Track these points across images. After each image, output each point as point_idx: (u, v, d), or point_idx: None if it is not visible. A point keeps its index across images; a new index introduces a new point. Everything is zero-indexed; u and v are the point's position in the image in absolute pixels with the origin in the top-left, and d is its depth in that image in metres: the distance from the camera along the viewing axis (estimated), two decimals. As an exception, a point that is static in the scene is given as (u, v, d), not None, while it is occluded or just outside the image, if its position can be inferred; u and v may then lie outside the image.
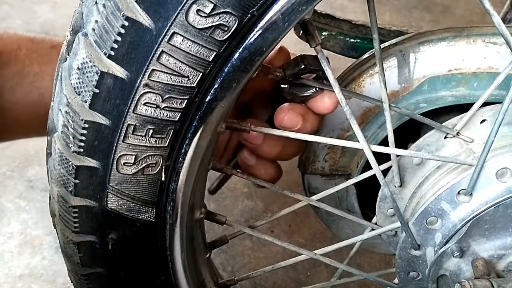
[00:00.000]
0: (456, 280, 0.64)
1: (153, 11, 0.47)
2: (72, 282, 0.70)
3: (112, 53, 0.48)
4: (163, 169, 0.56)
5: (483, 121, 0.65)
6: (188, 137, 0.54)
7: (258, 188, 1.34)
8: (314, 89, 0.65)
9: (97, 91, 0.50)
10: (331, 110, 0.66)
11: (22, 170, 1.40)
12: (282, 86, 0.66)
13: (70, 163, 0.55)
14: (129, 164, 0.54)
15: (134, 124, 0.52)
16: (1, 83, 0.70)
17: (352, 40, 0.91)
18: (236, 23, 0.47)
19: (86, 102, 0.51)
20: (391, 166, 0.67)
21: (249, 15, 0.47)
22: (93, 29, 0.48)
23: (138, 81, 0.49)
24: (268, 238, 0.72)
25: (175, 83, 0.50)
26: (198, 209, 0.66)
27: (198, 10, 0.46)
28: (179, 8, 0.46)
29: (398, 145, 0.64)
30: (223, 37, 0.48)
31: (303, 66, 0.64)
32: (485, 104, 0.63)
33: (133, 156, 0.54)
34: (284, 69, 0.65)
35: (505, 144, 0.63)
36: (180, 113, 0.52)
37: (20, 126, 0.75)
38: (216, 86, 0.51)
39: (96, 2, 0.48)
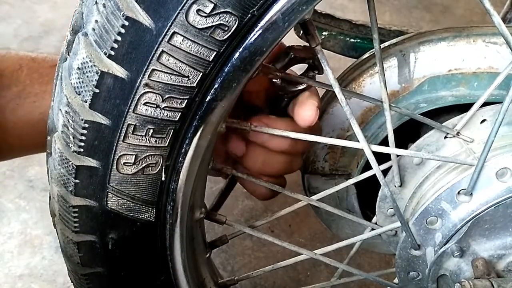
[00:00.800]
0: (456, 280, 0.64)
1: (153, 11, 0.47)
2: (72, 282, 0.70)
3: (112, 53, 0.48)
4: (163, 169, 0.56)
5: (483, 121, 0.65)
6: (188, 137, 0.54)
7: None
8: (304, 84, 0.65)
9: (97, 91, 0.50)
10: (310, 122, 0.63)
11: (22, 170, 1.40)
12: (273, 80, 0.66)
13: (70, 162, 0.55)
14: (129, 164, 0.54)
15: (134, 124, 0.52)
16: (3, 104, 0.71)
17: (352, 40, 0.91)
18: (236, 23, 0.47)
19: (86, 102, 0.51)
20: (391, 166, 0.67)
21: (249, 15, 0.47)
22: (93, 29, 0.48)
23: (138, 81, 0.49)
24: (268, 238, 0.72)
25: (175, 83, 0.50)
26: (198, 209, 0.66)
27: (198, 10, 0.46)
28: (179, 8, 0.46)
29: (398, 145, 0.64)
30: (223, 37, 0.48)
31: (292, 56, 0.64)
32: (485, 104, 0.63)
33: (133, 156, 0.54)
34: (274, 62, 0.65)
35: (505, 144, 0.63)
36: (180, 113, 0.52)
37: (23, 144, 0.76)
38: (216, 86, 0.51)
39: (96, 2, 0.48)
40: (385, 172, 0.66)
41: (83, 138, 0.53)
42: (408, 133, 0.73)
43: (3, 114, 0.71)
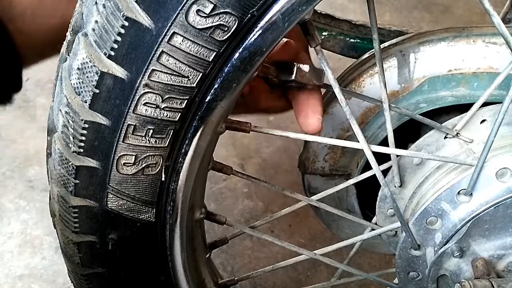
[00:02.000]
0: (456, 280, 0.64)
1: (153, 11, 0.47)
2: (72, 282, 0.70)
3: (112, 53, 0.48)
4: (163, 169, 0.56)
5: (483, 121, 0.65)
6: (188, 137, 0.54)
7: (258, 188, 1.35)
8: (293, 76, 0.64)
9: (97, 91, 0.50)
10: (316, 131, 0.65)
11: (22, 170, 1.40)
12: (265, 65, 0.64)
13: (70, 163, 0.55)
14: (129, 164, 0.54)
15: (134, 124, 0.52)
16: (20, 11, 0.70)
17: (352, 40, 0.91)
18: (236, 23, 0.47)
19: (86, 102, 0.51)
20: (391, 166, 0.67)
21: (249, 15, 0.47)
22: (93, 29, 0.48)
23: (138, 81, 0.49)
24: (268, 238, 0.72)
25: (175, 83, 0.50)
26: (198, 209, 0.66)
27: (198, 10, 0.46)
28: (179, 8, 0.46)
29: (398, 145, 0.64)
30: (223, 37, 0.48)
31: (293, 78, 0.63)
32: (485, 104, 0.63)
33: (133, 156, 0.54)
34: (277, 67, 0.64)
35: (505, 144, 0.63)
36: (180, 113, 0.52)
37: (47, 48, 0.75)
38: (216, 86, 0.51)
39: (96, 2, 0.48)
40: (385, 172, 0.66)
41: (83, 138, 0.53)
42: (408, 133, 0.73)
43: (23, 21, 0.70)
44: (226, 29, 0.47)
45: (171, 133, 0.53)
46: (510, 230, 0.62)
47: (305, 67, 0.63)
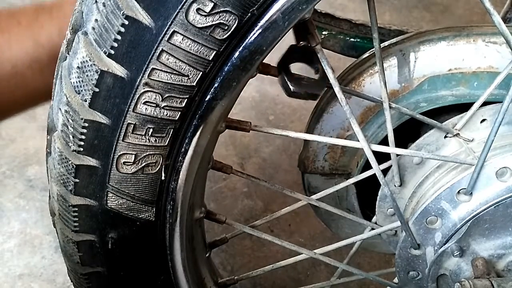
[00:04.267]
0: (456, 279, 0.64)
1: (153, 10, 0.46)
2: (71, 281, 0.70)
3: (112, 52, 0.48)
4: (163, 168, 0.56)
5: (483, 120, 0.65)
6: (188, 136, 0.54)
7: (258, 188, 1.35)
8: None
9: (97, 90, 0.50)
10: None
11: (22, 169, 1.40)
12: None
13: (70, 162, 0.55)
14: (129, 163, 0.54)
15: (134, 123, 0.51)
16: None
17: (352, 39, 0.91)
18: (236, 22, 0.47)
19: (86, 101, 0.51)
20: (391, 166, 0.67)
21: (249, 14, 0.47)
22: (93, 28, 0.48)
23: (138, 80, 0.49)
24: (268, 238, 0.72)
25: (175, 82, 0.50)
26: (198, 208, 0.66)
27: (198, 9, 0.46)
28: (179, 7, 0.46)
29: (398, 144, 0.64)
30: (223, 36, 0.48)
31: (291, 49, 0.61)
32: (485, 103, 0.63)
33: (133, 155, 0.54)
34: (278, 70, 0.63)
35: (505, 144, 0.63)
36: (180, 112, 0.52)
37: (4, 102, 0.74)
38: (216, 85, 0.51)
39: (96, 1, 0.48)
40: (385, 172, 0.66)
41: (83, 137, 0.53)
42: (408, 132, 0.73)
43: None
44: (226, 28, 0.47)
45: (171, 132, 0.53)
46: (510, 229, 0.62)
47: (305, 78, 0.62)
